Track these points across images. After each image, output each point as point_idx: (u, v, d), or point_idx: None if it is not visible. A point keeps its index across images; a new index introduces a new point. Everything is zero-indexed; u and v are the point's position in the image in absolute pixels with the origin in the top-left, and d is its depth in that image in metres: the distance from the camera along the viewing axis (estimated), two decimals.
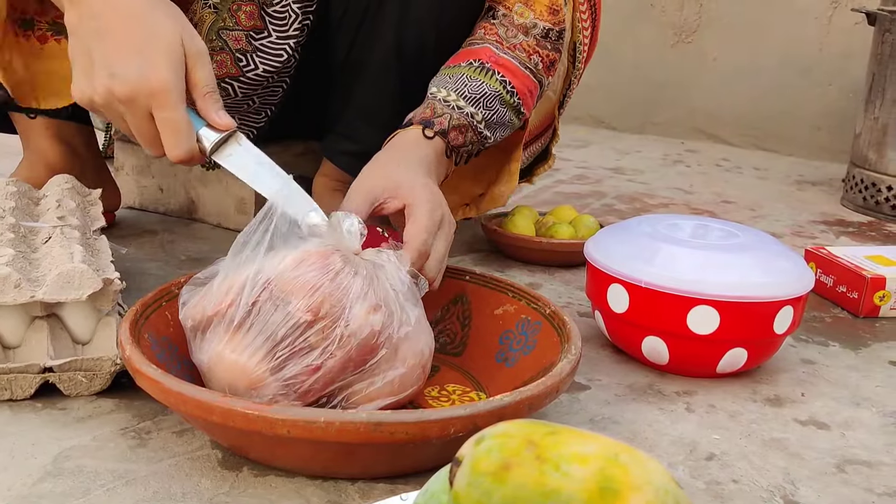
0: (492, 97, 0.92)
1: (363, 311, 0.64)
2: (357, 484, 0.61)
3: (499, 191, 1.13)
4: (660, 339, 0.81)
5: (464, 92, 0.91)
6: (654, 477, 0.35)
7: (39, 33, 1.00)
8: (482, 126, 0.92)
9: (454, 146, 0.90)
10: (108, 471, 0.61)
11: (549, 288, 1.07)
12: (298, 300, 0.62)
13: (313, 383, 0.63)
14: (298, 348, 0.62)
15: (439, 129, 0.88)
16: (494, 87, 0.93)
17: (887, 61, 1.54)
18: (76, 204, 0.91)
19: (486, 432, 0.38)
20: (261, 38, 1.00)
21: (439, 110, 0.89)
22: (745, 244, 0.84)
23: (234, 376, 0.63)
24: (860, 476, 0.67)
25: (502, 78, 0.93)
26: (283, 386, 0.62)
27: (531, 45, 0.96)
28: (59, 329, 0.74)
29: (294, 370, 0.62)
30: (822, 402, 0.80)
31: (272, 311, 0.63)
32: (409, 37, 0.99)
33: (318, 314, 0.62)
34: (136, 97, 0.68)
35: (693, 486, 0.64)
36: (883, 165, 1.57)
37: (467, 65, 0.94)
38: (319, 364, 0.62)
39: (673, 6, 2.29)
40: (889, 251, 1.12)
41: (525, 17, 0.96)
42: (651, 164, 1.97)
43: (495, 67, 0.94)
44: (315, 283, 0.63)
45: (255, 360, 0.62)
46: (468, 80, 0.92)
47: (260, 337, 0.62)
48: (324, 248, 0.66)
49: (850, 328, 1.00)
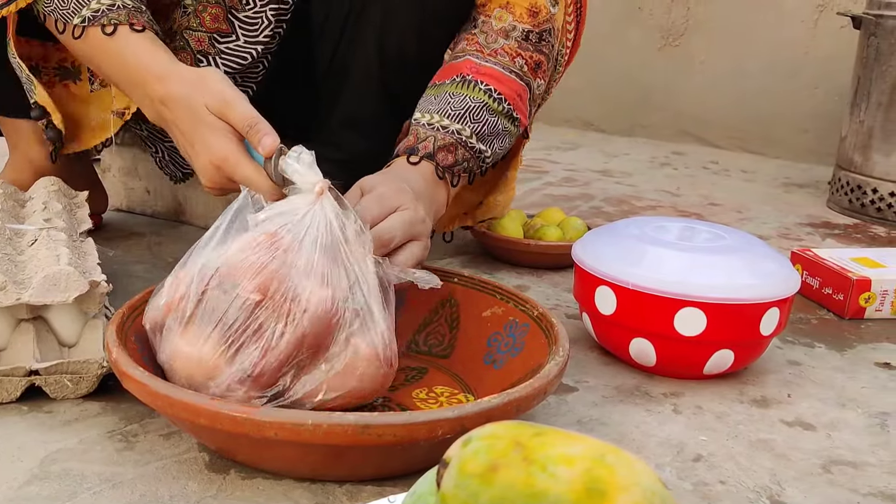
0: (478, 109, 0.91)
1: (315, 285, 0.63)
2: (345, 486, 0.61)
3: (496, 200, 1.12)
4: (647, 341, 0.82)
5: (446, 111, 0.90)
6: (641, 478, 0.35)
7: (46, 79, 1.00)
8: (473, 140, 0.91)
9: (445, 166, 0.89)
10: (94, 474, 0.61)
11: (537, 290, 1.07)
12: (246, 282, 0.62)
13: (265, 365, 0.62)
14: (250, 330, 0.62)
15: (424, 153, 0.88)
16: (479, 98, 0.92)
17: (872, 65, 1.55)
18: (63, 206, 0.91)
19: (473, 434, 0.38)
20: (226, 42, 1.00)
21: (422, 135, 0.89)
22: (732, 246, 0.84)
23: (190, 368, 0.63)
24: (845, 476, 0.68)
25: (486, 87, 0.92)
26: (238, 371, 0.62)
27: (513, 48, 0.95)
28: (46, 332, 0.74)
29: (248, 354, 0.62)
30: (809, 403, 0.81)
31: (221, 297, 0.62)
32: (390, 43, 0.99)
33: (266, 293, 0.62)
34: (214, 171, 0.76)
35: (680, 488, 0.65)
36: (868, 168, 1.58)
37: (451, 82, 0.93)
38: (273, 344, 0.62)
39: (660, 10, 2.30)
40: (874, 253, 1.13)
41: (504, 20, 0.95)
42: (639, 167, 1.97)
43: (477, 78, 0.93)
44: (261, 262, 0.63)
45: (208, 348, 0.62)
46: (450, 97, 0.91)
47: (210, 325, 0.62)
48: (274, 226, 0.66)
49: (835, 330, 1.01)
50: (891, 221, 1.55)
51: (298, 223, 0.66)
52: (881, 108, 1.54)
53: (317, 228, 0.66)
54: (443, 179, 0.89)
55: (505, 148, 0.97)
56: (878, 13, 1.54)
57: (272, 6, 0.99)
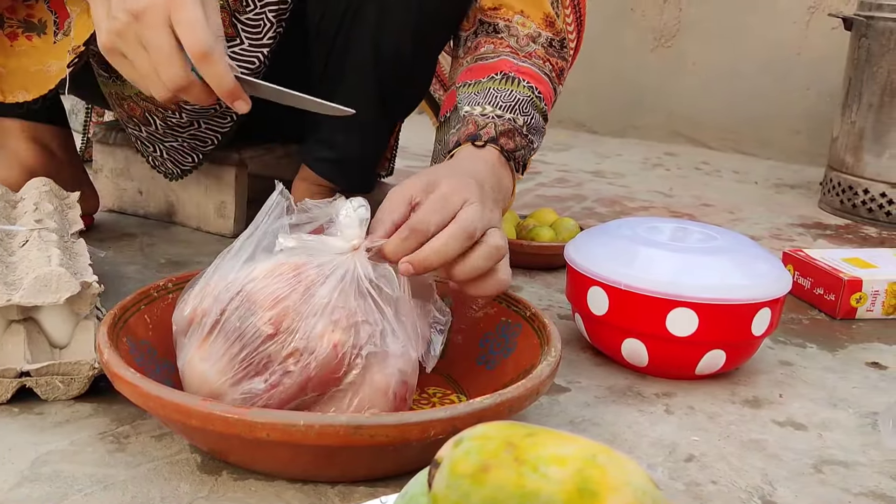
0: (526, 103, 0.89)
1: (326, 328, 0.61)
2: (337, 487, 0.61)
3: None
4: (639, 342, 0.82)
5: (498, 102, 0.88)
6: (633, 478, 0.35)
7: (9, 30, 0.99)
8: (525, 130, 0.88)
9: (508, 150, 0.85)
10: (85, 475, 0.61)
11: (530, 290, 1.07)
12: (262, 311, 0.61)
13: (269, 399, 0.61)
14: (257, 361, 0.60)
15: (488, 137, 0.84)
16: (525, 94, 0.89)
17: (863, 66, 1.56)
18: (54, 207, 0.90)
19: (464, 434, 0.38)
20: (232, 46, 1.00)
21: (481, 123, 0.86)
22: (724, 247, 0.84)
23: (198, 384, 0.62)
24: (837, 476, 0.68)
25: (529, 84, 0.91)
26: (241, 400, 0.61)
27: (542, 53, 0.95)
28: (37, 333, 0.73)
29: (252, 384, 0.60)
30: (800, 404, 0.81)
31: (237, 321, 0.61)
32: (386, 44, 0.99)
33: (279, 327, 0.60)
34: (153, 4, 0.66)
35: (672, 488, 0.65)
36: (860, 169, 1.58)
37: (489, 79, 0.91)
38: (276, 381, 0.60)
39: (653, 11, 2.30)
40: (866, 254, 1.13)
41: (528, 26, 0.95)
42: (631, 168, 1.98)
43: (519, 76, 0.91)
44: (280, 294, 0.61)
45: (216, 369, 0.61)
46: (497, 91, 0.89)
47: (224, 346, 0.61)
48: (302, 258, 0.64)
49: (827, 330, 1.01)
50: (882, 222, 1.56)
51: (327, 262, 0.64)
52: (872, 109, 1.55)
53: (344, 270, 0.64)
54: (509, 163, 0.85)
55: (540, 145, 0.94)
56: (869, 14, 1.55)
57: (271, 7, 0.99)
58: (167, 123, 1.10)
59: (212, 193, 1.20)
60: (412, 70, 1.02)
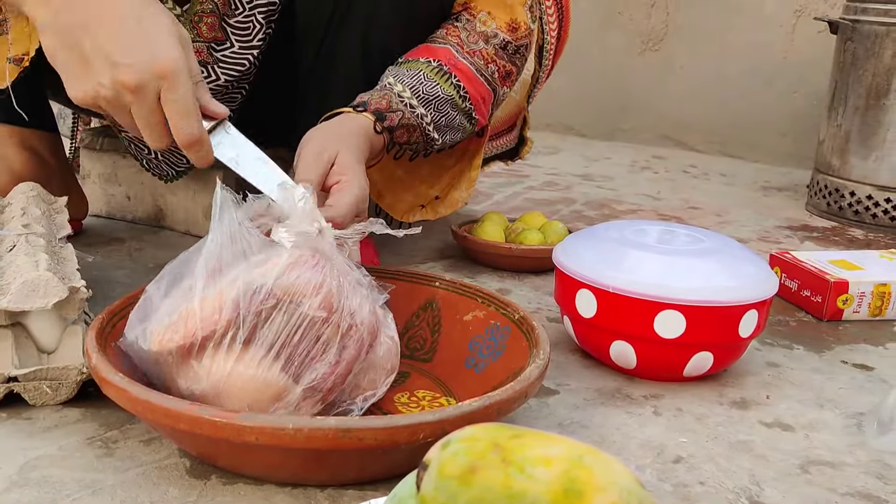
0: (444, 101, 0.95)
1: (362, 300, 0.66)
2: (326, 491, 0.61)
3: (458, 195, 1.16)
4: (627, 344, 0.82)
5: (418, 90, 0.93)
6: (618, 478, 0.36)
7: None
8: (430, 128, 0.95)
9: (396, 142, 0.93)
10: (74, 480, 0.61)
11: (519, 293, 1.08)
12: (310, 299, 0.62)
13: (336, 378, 0.64)
14: (316, 348, 0.63)
15: (389, 125, 0.90)
16: (448, 92, 0.95)
17: (849, 69, 1.57)
18: (41, 212, 0.90)
19: (452, 436, 0.38)
20: (222, 50, 1.00)
21: (394, 104, 0.91)
22: (711, 249, 0.85)
23: (254, 392, 0.62)
24: (824, 476, 0.68)
25: (457, 82, 0.96)
26: (308, 389, 0.63)
27: (489, 54, 0.99)
28: (24, 338, 0.73)
29: (316, 370, 0.63)
30: (787, 405, 0.81)
31: (283, 317, 0.62)
32: (375, 42, 1.00)
33: (331, 309, 0.63)
34: (145, 82, 0.66)
35: (660, 489, 0.65)
36: (846, 171, 1.59)
37: (426, 62, 0.96)
38: (339, 358, 0.64)
39: (640, 14, 2.31)
40: (852, 255, 1.14)
41: (488, 25, 0.99)
42: (620, 171, 1.99)
43: (452, 70, 0.96)
44: (318, 280, 0.63)
45: (275, 370, 0.62)
46: (424, 78, 0.94)
47: (274, 346, 0.62)
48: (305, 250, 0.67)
49: (814, 331, 1.01)
50: (868, 224, 1.57)
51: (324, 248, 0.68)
52: (858, 112, 1.56)
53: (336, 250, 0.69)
54: (387, 152, 0.94)
55: (455, 141, 1.02)
56: (854, 18, 1.56)
57: (261, 9, 0.99)
58: None
59: (200, 197, 1.20)
60: None
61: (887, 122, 1.52)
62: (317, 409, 0.64)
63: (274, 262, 0.64)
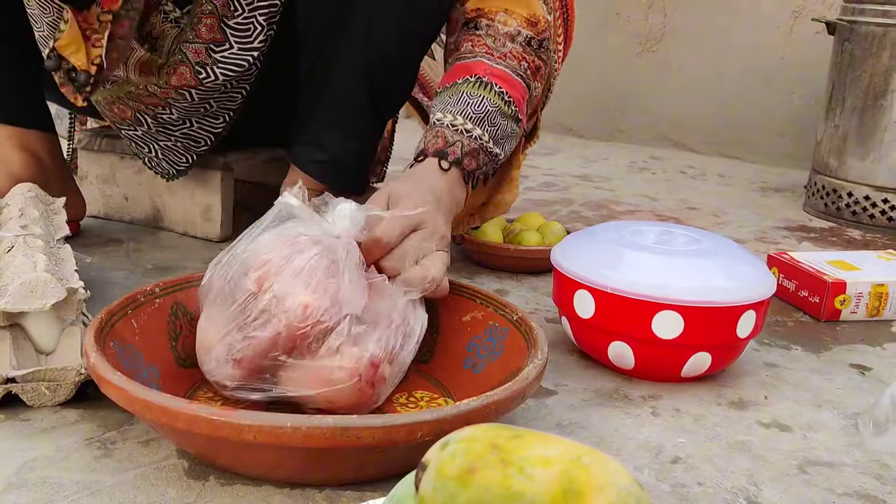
0: (494, 113, 0.93)
1: (301, 291, 0.66)
2: (325, 491, 0.61)
3: (502, 198, 1.13)
4: (625, 344, 0.82)
5: (468, 113, 0.91)
6: (617, 478, 0.36)
7: None
8: (490, 144, 0.92)
9: (469, 171, 0.90)
10: (72, 482, 0.61)
11: (517, 294, 1.08)
12: (252, 271, 0.67)
13: (244, 352, 0.66)
14: (242, 318, 0.66)
15: (453, 158, 0.88)
16: (494, 102, 0.93)
17: (846, 70, 1.57)
18: (39, 213, 0.90)
19: (451, 437, 0.38)
20: (221, 51, 1.00)
21: (451, 138, 0.90)
22: (709, 250, 0.85)
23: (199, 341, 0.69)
24: (821, 477, 0.68)
25: (500, 90, 0.94)
26: (223, 350, 0.66)
27: (519, 52, 0.97)
28: (23, 339, 0.73)
29: (233, 337, 0.66)
30: (785, 405, 0.81)
31: (233, 284, 0.68)
32: (375, 44, 0.99)
33: (261, 286, 0.66)
34: None
35: (658, 489, 0.65)
36: (843, 172, 1.60)
37: (464, 81, 0.94)
38: (251, 335, 0.65)
39: (638, 15, 2.32)
40: (850, 256, 1.14)
41: (509, 25, 0.97)
42: (618, 172, 1.99)
43: (492, 80, 0.94)
44: (268, 258, 0.67)
45: (214, 326, 0.68)
46: (469, 97, 0.92)
47: (222, 306, 0.68)
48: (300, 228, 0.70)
49: (811, 332, 1.02)
50: (866, 224, 1.57)
51: (321, 237, 0.69)
52: (855, 113, 1.56)
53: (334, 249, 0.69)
54: (467, 184, 0.91)
55: (512, 149, 0.99)
56: (851, 19, 1.56)
57: (261, 11, 0.99)
58: (158, 121, 1.10)
59: (198, 198, 1.20)
60: (400, 67, 1.02)
61: (884, 123, 1.52)
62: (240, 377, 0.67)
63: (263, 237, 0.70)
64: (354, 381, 0.66)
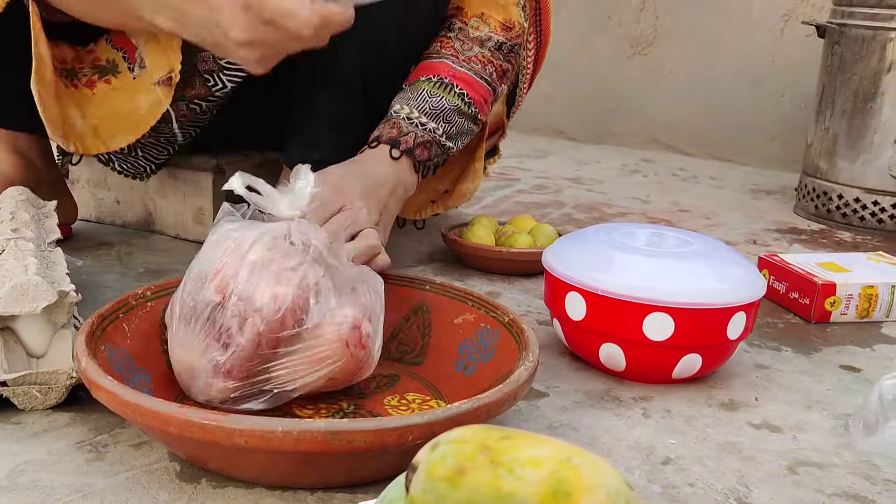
0: (451, 111, 0.99)
1: (265, 284, 0.65)
2: (316, 493, 0.61)
3: (465, 188, 1.18)
4: (616, 346, 0.83)
5: (425, 108, 0.97)
6: (607, 479, 0.36)
7: (85, 79, 0.99)
8: (444, 139, 0.98)
9: (420, 160, 0.97)
10: (64, 485, 0.61)
11: (509, 296, 1.08)
12: (208, 283, 0.66)
13: (233, 361, 0.65)
14: (214, 331, 0.65)
15: (405, 147, 0.95)
16: (453, 102, 0.99)
17: (836, 73, 1.58)
18: (31, 216, 0.90)
19: (441, 438, 0.38)
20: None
21: (405, 129, 0.96)
22: (699, 252, 0.85)
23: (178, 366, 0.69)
24: (811, 477, 0.69)
25: (460, 91, 1.00)
26: (211, 368, 0.65)
27: (486, 57, 1.02)
28: (13, 342, 0.73)
29: (214, 353, 0.65)
30: (775, 406, 0.82)
31: (191, 300, 0.66)
32: (372, 44, 1.00)
33: (224, 293, 0.65)
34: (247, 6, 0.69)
35: (649, 490, 0.65)
36: (834, 174, 1.60)
37: (426, 80, 1.00)
38: (232, 344, 0.65)
39: (629, 19, 2.32)
40: (840, 258, 1.15)
41: (481, 30, 1.03)
42: (609, 174, 1.99)
43: (454, 81, 1.00)
44: (220, 264, 0.66)
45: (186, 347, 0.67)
46: (428, 95, 0.98)
47: (188, 325, 0.67)
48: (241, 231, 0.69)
49: (802, 333, 1.02)
50: (856, 227, 1.58)
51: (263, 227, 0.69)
52: (845, 116, 1.57)
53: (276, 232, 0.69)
54: (417, 173, 0.97)
55: (465, 143, 1.05)
56: (841, 22, 1.57)
57: None
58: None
59: (189, 200, 1.20)
60: (396, 64, 1.03)
61: (874, 126, 1.53)
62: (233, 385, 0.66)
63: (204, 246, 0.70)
64: (344, 349, 0.67)
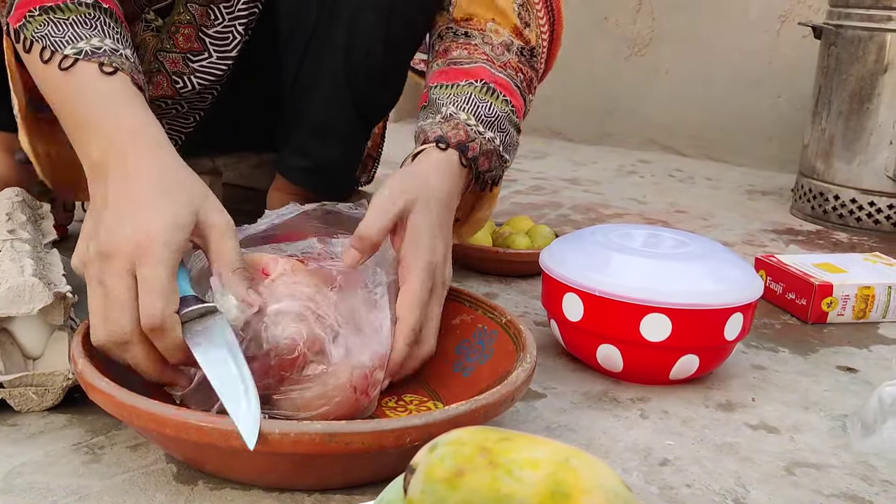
0: (503, 119, 0.88)
1: (286, 319, 0.64)
2: (314, 496, 0.61)
3: (481, 216, 1.04)
4: (614, 347, 0.83)
5: (480, 115, 0.86)
6: (605, 480, 0.36)
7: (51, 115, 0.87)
8: (501, 149, 0.88)
9: (481, 171, 0.86)
10: (60, 487, 0.61)
11: (506, 297, 1.08)
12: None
13: None
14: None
15: (472, 155, 0.83)
16: (503, 109, 0.88)
17: (833, 74, 1.58)
18: (27, 217, 0.90)
19: (439, 440, 0.38)
20: (199, 60, 1.00)
21: (472, 134, 0.84)
22: (696, 253, 0.85)
23: None
24: (808, 478, 0.69)
25: (505, 98, 0.89)
26: None
27: (515, 63, 0.93)
28: (10, 344, 0.73)
29: None
30: (773, 407, 0.82)
31: None
32: (358, 52, 0.99)
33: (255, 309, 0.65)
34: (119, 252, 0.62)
35: (647, 491, 0.65)
36: (830, 175, 1.60)
37: (467, 84, 0.89)
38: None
39: (626, 20, 2.33)
40: (836, 259, 1.15)
41: (502, 34, 0.93)
42: (606, 175, 1.99)
43: (498, 88, 0.89)
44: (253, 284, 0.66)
45: None
46: (478, 101, 0.87)
47: None
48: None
49: (799, 334, 1.02)
50: (852, 227, 1.58)
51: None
52: (842, 117, 1.57)
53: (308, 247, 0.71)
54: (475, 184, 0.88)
55: (514, 157, 0.94)
56: (837, 23, 1.58)
57: (241, 20, 0.99)
58: None
59: None
60: (385, 73, 1.02)
61: (870, 127, 1.54)
62: None
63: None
64: (350, 394, 0.66)
